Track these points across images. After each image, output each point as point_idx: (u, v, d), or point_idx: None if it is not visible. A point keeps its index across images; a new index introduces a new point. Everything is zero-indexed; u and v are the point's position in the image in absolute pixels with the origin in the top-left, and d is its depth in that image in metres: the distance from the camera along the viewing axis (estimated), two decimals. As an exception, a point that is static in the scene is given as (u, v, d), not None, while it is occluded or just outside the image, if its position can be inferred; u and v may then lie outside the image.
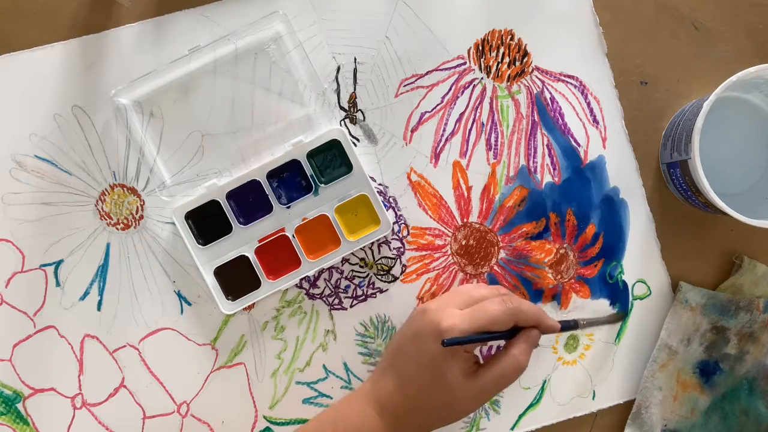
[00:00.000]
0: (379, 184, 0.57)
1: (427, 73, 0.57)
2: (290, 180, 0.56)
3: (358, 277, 0.57)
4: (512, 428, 0.57)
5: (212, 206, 0.55)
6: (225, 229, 0.55)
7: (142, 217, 0.56)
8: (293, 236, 0.56)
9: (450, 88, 0.57)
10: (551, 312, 0.57)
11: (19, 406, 0.56)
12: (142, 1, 0.56)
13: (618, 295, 0.58)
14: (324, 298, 0.57)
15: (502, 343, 0.56)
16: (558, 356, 0.57)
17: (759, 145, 0.57)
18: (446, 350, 0.47)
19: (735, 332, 0.55)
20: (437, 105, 0.57)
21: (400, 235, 0.57)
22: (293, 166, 0.56)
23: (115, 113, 0.55)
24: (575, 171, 0.57)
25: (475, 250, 0.57)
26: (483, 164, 0.57)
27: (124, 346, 0.56)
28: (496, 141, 0.57)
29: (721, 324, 0.55)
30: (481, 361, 0.49)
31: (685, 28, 0.58)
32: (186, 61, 0.54)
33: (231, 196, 0.55)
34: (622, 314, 0.57)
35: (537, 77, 0.57)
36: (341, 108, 0.57)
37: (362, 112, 0.57)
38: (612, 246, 0.57)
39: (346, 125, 0.57)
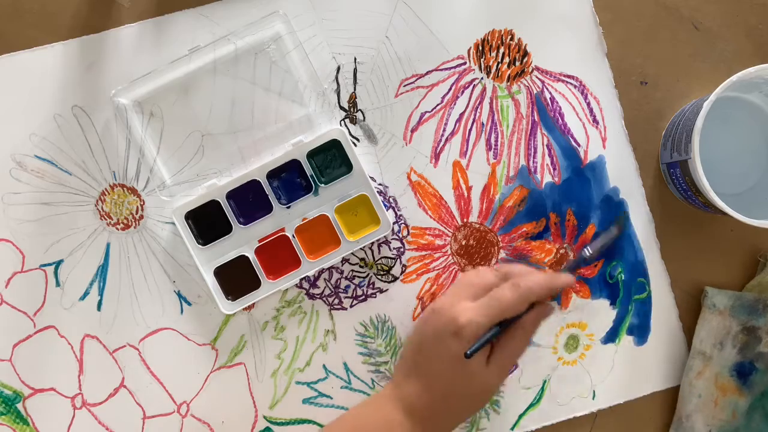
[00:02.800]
0: (379, 184, 0.57)
1: (427, 73, 0.57)
2: (290, 180, 0.56)
3: (358, 277, 0.57)
4: (512, 428, 0.57)
5: (212, 206, 0.55)
6: (225, 229, 0.55)
7: (142, 217, 0.56)
8: (293, 236, 0.56)
9: (450, 88, 0.57)
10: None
11: (19, 406, 0.56)
12: (142, 1, 0.56)
13: (618, 294, 0.58)
14: (324, 298, 0.57)
15: None
16: (558, 356, 0.57)
17: (759, 145, 0.57)
18: (465, 341, 0.48)
19: (766, 330, 0.55)
20: (437, 105, 0.57)
21: (400, 235, 0.57)
22: (293, 166, 0.56)
23: (115, 113, 0.55)
24: (575, 171, 0.57)
25: (475, 250, 0.57)
26: (483, 164, 0.57)
27: (124, 346, 0.56)
28: (496, 141, 0.57)
29: (751, 324, 0.55)
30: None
31: (685, 28, 0.58)
32: (186, 61, 0.54)
33: (231, 196, 0.55)
34: (620, 221, 0.56)
35: (537, 77, 0.57)
36: (341, 108, 0.57)
37: (362, 112, 0.57)
38: (612, 246, 0.57)
39: (346, 125, 0.57)
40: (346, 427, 0.51)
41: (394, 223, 0.57)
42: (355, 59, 0.57)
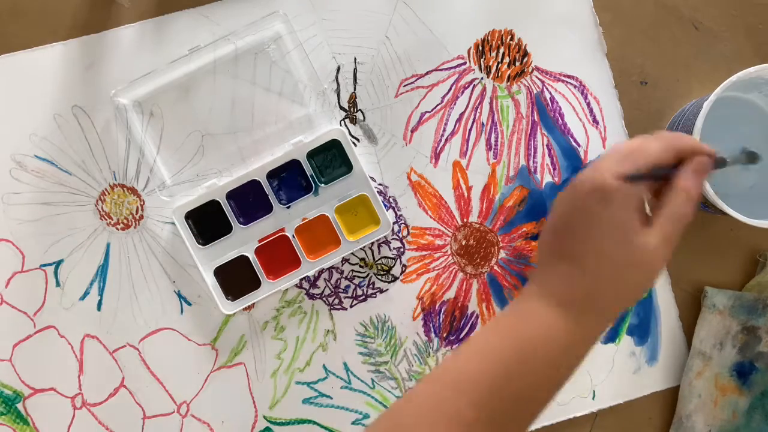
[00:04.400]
0: (379, 184, 0.57)
1: (427, 73, 0.57)
2: (290, 180, 0.56)
3: (358, 277, 0.57)
4: (512, 428, 0.57)
5: (212, 206, 0.55)
6: (225, 229, 0.55)
7: (142, 217, 0.56)
8: (293, 236, 0.56)
9: (450, 88, 0.57)
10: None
11: (19, 406, 0.56)
12: (142, 1, 0.56)
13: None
14: (324, 298, 0.57)
15: None
16: (558, 356, 0.57)
17: (759, 145, 0.56)
18: (616, 203, 0.40)
19: (766, 330, 0.55)
20: (437, 105, 0.57)
21: (400, 235, 0.57)
22: (293, 166, 0.56)
23: (115, 113, 0.55)
24: (575, 171, 0.57)
25: (475, 250, 0.57)
26: (483, 164, 0.57)
27: (124, 346, 0.56)
28: (496, 141, 0.57)
29: (750, 324, 0.55)
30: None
31: (685, 28, 0.58)
32: (186, 61, 0.54)
33: (231, 196, 0.55)
34: (753, 155, 0.49)
35: (537, 77, 0.57)
36: (341, 108, 0.57)
37: (362, 112, 0.57)
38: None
39: (346, 125, 0.57)
40: (500, 336, 0.41)
41: (394, 223, 0.57)
42: (355, 59, 0.57)
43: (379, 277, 0.57)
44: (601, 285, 0.41)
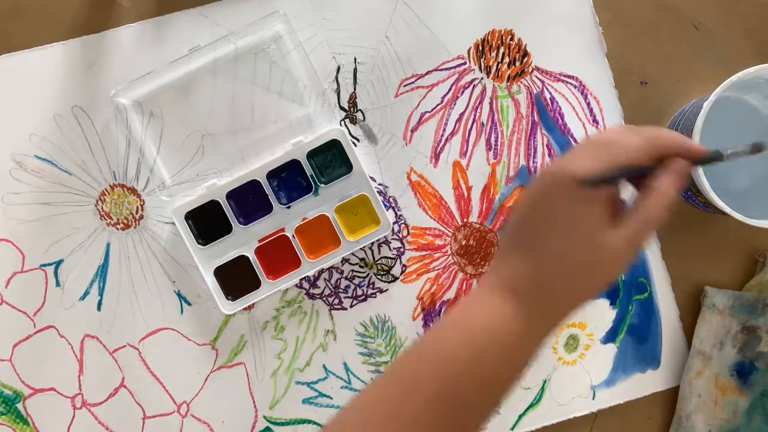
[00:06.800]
0: (379, 184, 0.57)
1: (427, 73, 0.57)
2: (290, 180, 0.56)
3: (358, 277, 0.57)
4: (512, 428, 0.57)
5: (212, 206, 0.55)
6: (225, 229, 0.55)
7: (142, 217, 0.56)
8: (293, 236, 0.56)
9: (450, 88, 0.57)
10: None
11: (19, 406, 0.56)
12: (142, 1, 0.56)
13: (618, 294, 0.58)
14: (324, 298, 0.57)
15: None
16: (558, 356, 0.57)
17: (759, 145, 0.57)
18: (583, 198, 0.38)
19: (766, 330, 0.55)
20: (437, 105, 0.57)
21: (400, 235, 0.57)
22: (293, 166, 0.56)
23: (115, 113, 0.55)
24: (575, 171, 0.57)
25: (475, 250, 0.57)
26: (483, 164, 0.57)
27: (124, 346, 0.56)
28: (496, 141, 0.57)
29: (750, 323, 0.55)
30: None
31: (685, 28, 0.58)
32: (186, 61, 0.54)
33: (231, 196, 0.55)
34: (759, 145, 0.44)
35: (537, 77, 0.57)
36: (341, 108, 0.57)
37: (362, 112, 0.57)
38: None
39: (346, 125, 0.57)
40: (449, 323, 0.40)
41: (394, 223, 0.57)
42: (355, 59, 0.57)
43: (379, 277, 0.57)
44: (554, 280, 0.39)
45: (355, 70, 0.57)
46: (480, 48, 0.57)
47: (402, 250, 0.57)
